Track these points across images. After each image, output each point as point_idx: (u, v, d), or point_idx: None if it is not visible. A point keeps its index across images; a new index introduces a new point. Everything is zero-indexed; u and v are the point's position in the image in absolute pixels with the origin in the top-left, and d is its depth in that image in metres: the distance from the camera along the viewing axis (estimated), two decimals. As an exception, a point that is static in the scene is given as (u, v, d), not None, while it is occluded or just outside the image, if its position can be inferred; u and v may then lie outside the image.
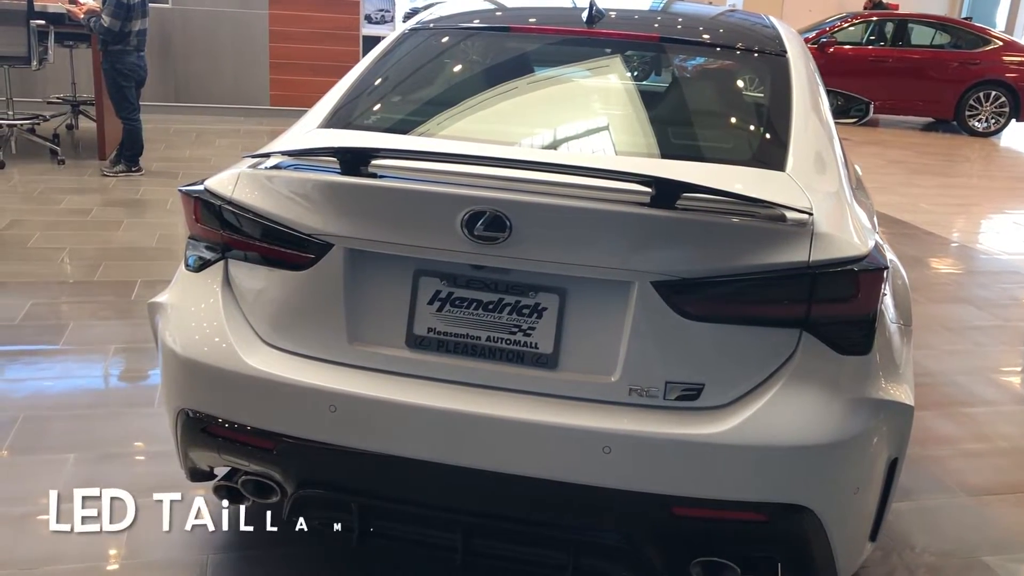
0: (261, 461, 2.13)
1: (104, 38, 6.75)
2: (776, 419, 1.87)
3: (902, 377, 2.12)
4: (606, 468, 1.89)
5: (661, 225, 1.87)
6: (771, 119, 2.45)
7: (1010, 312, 5.27)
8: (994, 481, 3.25)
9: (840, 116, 3.60)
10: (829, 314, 1.91)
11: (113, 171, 7.07)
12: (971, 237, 7.36)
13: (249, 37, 10.22)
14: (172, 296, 2.27)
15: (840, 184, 2.21)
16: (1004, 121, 12.33)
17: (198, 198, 2.17)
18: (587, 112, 2.68)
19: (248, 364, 2.04)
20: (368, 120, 2.51)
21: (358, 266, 2.01)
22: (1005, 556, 2.78)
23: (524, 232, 1.88)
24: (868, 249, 1.95)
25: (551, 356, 1.95)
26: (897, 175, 9.33)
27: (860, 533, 2.10)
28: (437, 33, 2.96)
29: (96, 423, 3.26)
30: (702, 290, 1.88)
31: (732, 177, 2.09)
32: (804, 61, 2.68)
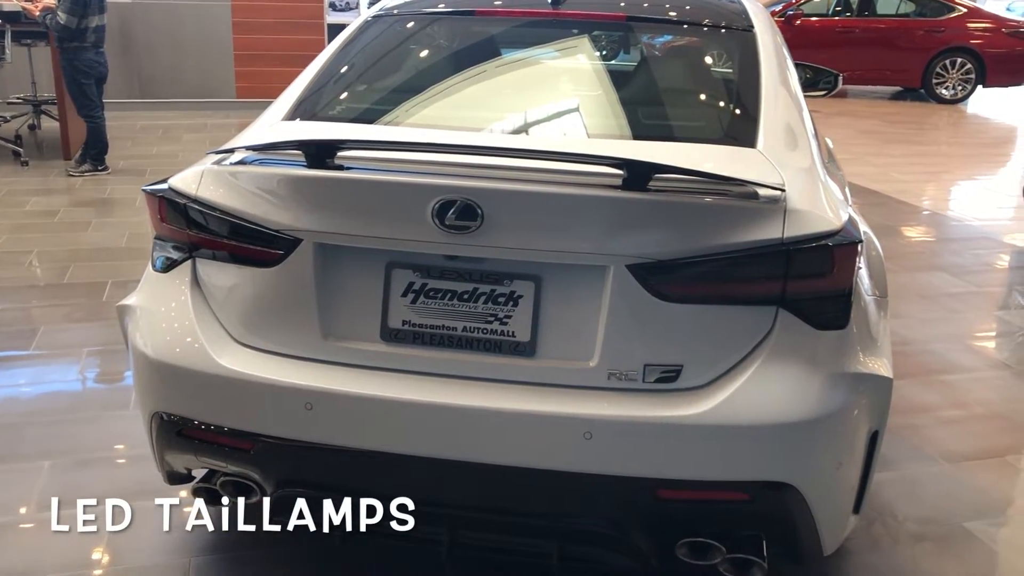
0: (239, 462, 2.10)
1: (61, 35, 6.65)
2: (755, 397, 1.87)
3: (880, 350, 2.12)
4: (588, 454, 1.88)
5: (634, 208, 1.86)
6: (740, 95, 2.43)
7: (983, 278, 5.32)
8: (973, 447, 3.28)
9: (809, 89, 3.60)
10: (805, 290, 1.91)
11: (79, 171, 6.97)
12: (943, 204, 7.41)
13: (212, 29, 10.09)
14: (141, 298, 2.24)
15: (811, 158, 2.20)
16: (971, 88, 12.41)
17: (163, 197, 2.13)
18: (555, 95, 2.65)
19: (220, 364, 2.00)
20: (333, 111, 2.47)
21: (328, 260, 1.98)
22: (985, 521, 2.80)
23: (496, 220, 1.86)
24: (842, 223, 1.94)
25: (528, 344, 1.94)
26: (868, 145, 9.37)
27: (843, 507, 2.11)
28: (400, 19, 2.92)
29: (71, 428, 3.22)
30: (677, 271, 1.86)
31: (703, 156, 2.08)
32: (771, 35, 2.66)
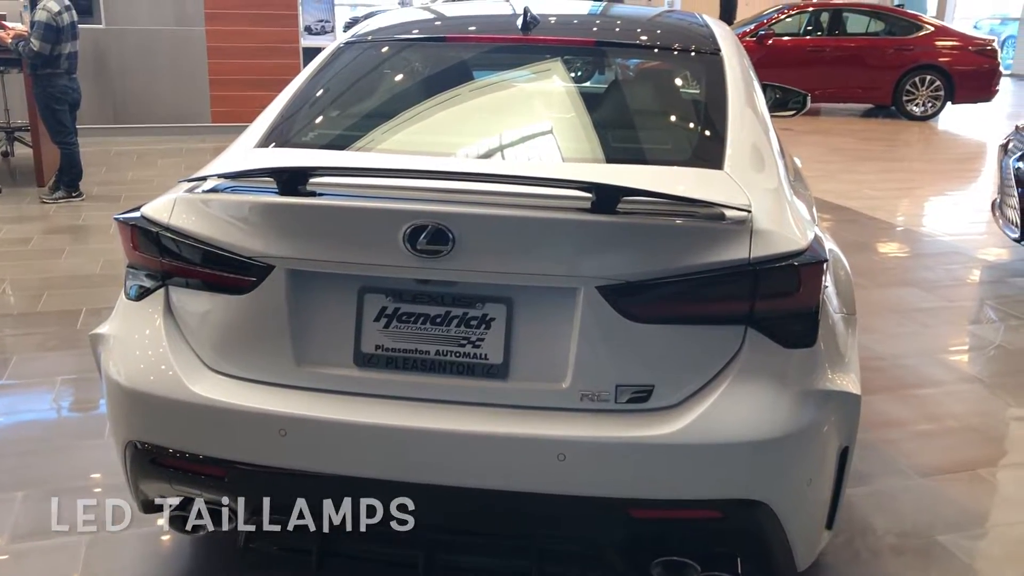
0: (214, 489, 2.10)
1: (34, 62, 6.64)
2: (726, 416, 1.89)
3: (848, 367, 2.15)
4: (562, 475, 1.89)
5: (603, 230, 1.88)
6: (707, 118, 2.47)
7: (954, 292, 5.39)
8: (945, 460, 3.31)
9: (779, 109, 3.65)
10: (772, 309, 1.93)
11: (53, 198, 6.93)
12: (914, 220, 7.50)
13: (187, 55, 10.08)
14: (114, 326, 2.23)
15: (778, 179, 2.24)
16: (940, 104, 12.61)
17: (135, 225, 2.13)
18: (526, 120, 2.68)
19: (194, 392, 2.00)
20: (305, 137, 2.48)
21: (301, 286, 1.99)
22: (958, 534, 2.83)
23: (467, 244, 1.87)
24: (808, 243, 1.97)
25: (501, 366, 1.95)
26: (840, 162, 9.48)
27: (816, 523, 2.13)
28: (374, 45, 2.94)
29: (45, 458, 3.18)
30: (646, 292, 1.89)
31: (671, 178, 2.11)
32: (738, 59, 2.71)
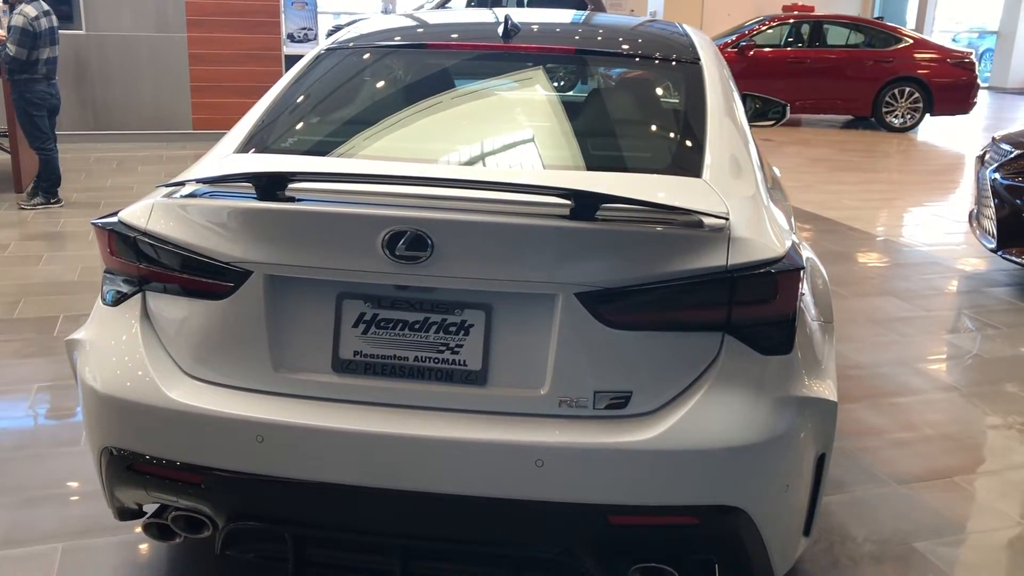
0: (190, 496, 2.08)
1: (11, 67, 6.60)
2: (703, 422, 1.90)
3: (825, 373, 2.17)
4: (540, 481, 1.89)
5: (581, 237, 1.89)
6: (687, 126, 2.48)
7: (932, 302, 5.43)
8: (922, 468, 3.33)
9: (759, 119, 3.67)
10: (749, 316, 1.95)
11: (31, 204, 6.88)
12: (893, 231, 7.56)
13: (168, 61, 10.04)
14: (90, 332, 2.21)
15: (756, 187, 2.25)
16: (919, 116, 12.75)
17: (112, 231, 2.12)
18: (505, 127, 2.69)
19: (170, 398, 1.99)
20: (284, 143, 2.48)
21: (279, 292, 1.98)
22: (935, 541, 2.85)
23: (446, 250, 1.87)
24: (785, 250, 1.99)
25: (480, 373, 1.95)
26: (820, 173, 9.56)
27: (793, 529, 2.14)
28: (354, 52, 2.94)
29: (20, 466, 3.15)
30: (625, 299, 1.89)
31: (650, 186, 2.12)
32: (717, 68, 2.73)
